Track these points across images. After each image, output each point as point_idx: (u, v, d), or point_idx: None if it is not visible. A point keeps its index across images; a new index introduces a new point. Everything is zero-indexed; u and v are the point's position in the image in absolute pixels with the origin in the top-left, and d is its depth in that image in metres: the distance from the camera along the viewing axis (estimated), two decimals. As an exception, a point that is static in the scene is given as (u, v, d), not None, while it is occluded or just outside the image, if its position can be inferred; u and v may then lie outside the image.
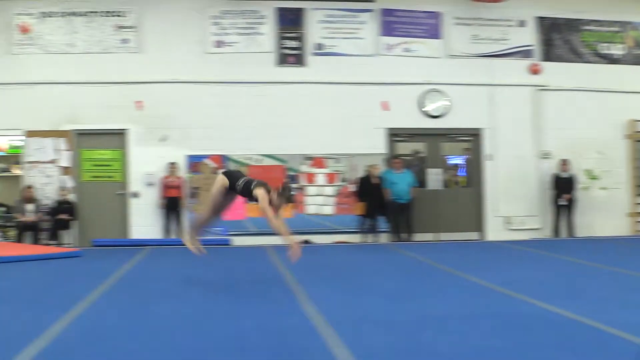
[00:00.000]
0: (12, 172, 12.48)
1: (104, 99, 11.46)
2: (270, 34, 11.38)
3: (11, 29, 11.53)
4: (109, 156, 11.54)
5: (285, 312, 5.51)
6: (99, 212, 11.57)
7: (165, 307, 5.75)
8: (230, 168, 9.24)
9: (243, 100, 11.44)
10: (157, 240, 11.45)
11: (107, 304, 6.05)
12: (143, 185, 11.37)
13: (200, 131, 11.61)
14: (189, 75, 11.59)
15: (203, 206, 7.72)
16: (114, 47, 11.41)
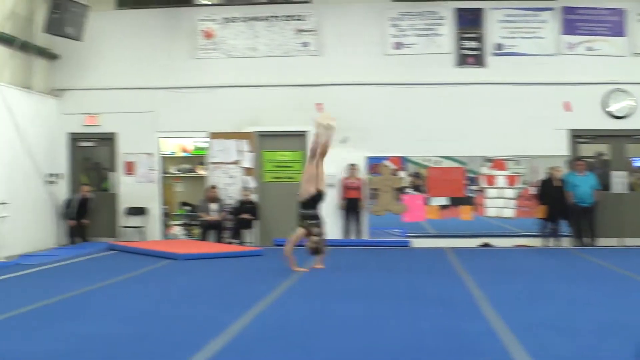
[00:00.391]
0: (197, 172, 15.95)
1: (284, 101, 14.69)
2: (450, 34, 13.85)
3: (196, 34, 14.92)
4: (289, 157, 14.87)
5: (464, 314, 6.45)
6: (279, 212, 14.78)
7: (344, 307, 6.89)
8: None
9: (422, 101, 13.89)
10: (336, 241, 14.12)
11: (287, 303, 7.26)
12: (324, 187, 15.88)
13: (380, 133, 14.52)
14: (368, 77, 14.50)
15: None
16: (294, 51, 14.62)
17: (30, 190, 14.25)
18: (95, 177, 15.94)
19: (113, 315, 6.76)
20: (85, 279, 9.25)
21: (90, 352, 5.31)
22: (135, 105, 14.96)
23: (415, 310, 6.78)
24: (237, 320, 6.24)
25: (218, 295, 8.00)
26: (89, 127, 15.40)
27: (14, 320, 6.56)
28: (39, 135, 14.71)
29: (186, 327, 6.11)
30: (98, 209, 15.39)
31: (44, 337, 5.82)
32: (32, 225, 14.23)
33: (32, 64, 14.56)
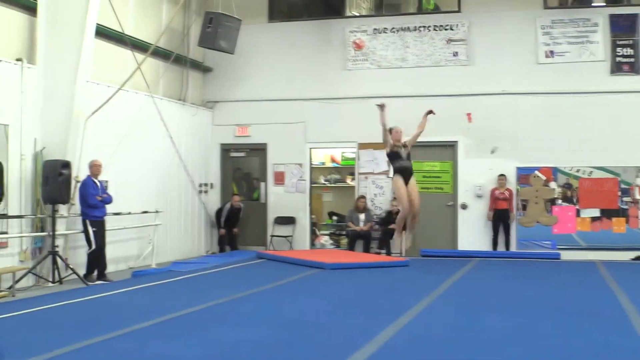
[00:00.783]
0: (346, 182, 19.55)
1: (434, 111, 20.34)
2: (603, 41, 16.11)
3: (346, 45, 18.51)
4: (438, 168, 18.08)
5: (616, 330, 7.35)
6: (428, 223, 17.66)
7: (491, 320, 8.07)
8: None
9: (574, 110, 16.08)
10: (484, 252, 17.13)
11: (434, 314, 8.52)
12: (472, 197, 17.69)
13: (530, 143, 16.68)
14: (518, 87, 16.81)
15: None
16: (444, 60, 17.88)
17: (183, 199, 18.07)
18: (246, 187, 19.84)
19: (262, 321, 8.06)
20: (234, 286, 10.98)
21: (240, 357, 6.41)
22: (286, 116, 18.26)
23: (566, 324, 7.83)
24: (384, 330, 7.35)
25: (365, 304, 9.39)
26: (240, 137, 19.41)
27: (166, 325, 7.92)
28: (192, 146, 18.55)
29: (334, 335, 7.24)
30: (248, 218, 19.06)
31: (194, 341, 6.98)
32: (184, 234, 18.17)
33: (186, 76, 18.76)
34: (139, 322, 8.12)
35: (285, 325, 7.99)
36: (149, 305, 9.61)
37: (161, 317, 8.46)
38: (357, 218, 17.77)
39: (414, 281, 12.13)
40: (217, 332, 7.61)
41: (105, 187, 13.82)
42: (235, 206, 17.92)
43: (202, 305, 9.41)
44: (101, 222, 12.35)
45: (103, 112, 14.04)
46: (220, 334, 7.51)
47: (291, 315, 8.75)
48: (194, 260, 15.92)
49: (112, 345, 7.40)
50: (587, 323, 8.08)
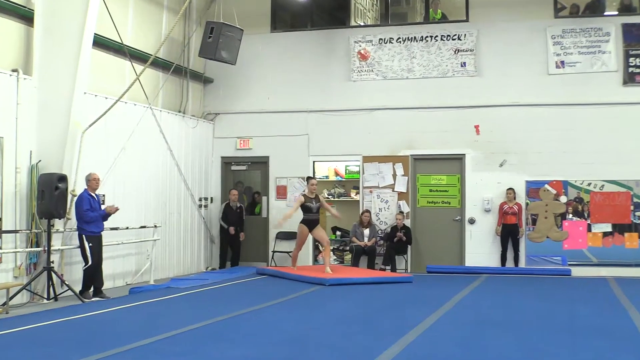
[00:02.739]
0: (350, 196, 19.51)
1: (441, 124, 17.93)
2: (616, 51, 16.08)
3: (351, 56, 18.55)
4: (445, 181, 18.14)
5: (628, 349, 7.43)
6: (434, 238, 17.98)
7: (499, 338, 8.16)
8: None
9: (585, 122, 16.12)
10: (493, 269, 17.16)
11: (440, 332, 8.57)
12: (480, 212, 17.71)
13: (540, 156, 16.62)
14: (528, 98, 16.81)
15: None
16: (451, 71, 17.95)
17: (182, 213, 18.16)
18: (247, 201, 19.93)
19: (263, 339, 8.19)
20: (234, 303, 11.09)
21: None
22: (288, 128, 18.35)
23: (577, 342, 7.94)
24: (387, 349, 7.43)
25: (368, 322, 9.48)
26: (242, 150, 19.52)
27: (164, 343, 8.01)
28: (192, 159, 18.65)
29: (335, 353, 7.38)
30: (249, 234, 19.30)
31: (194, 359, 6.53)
32: (183, 249, 18.25)
33: (186, 88, 18.87)
34: (136, 340, 8.16)
35: (286, 343, 8.08)
36: (147, 323, 9.68)
37: (159, 335, 8.51)
38: (361, 233, 17.90)
39: (419, 298, 12.24)
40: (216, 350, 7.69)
41: (103, 201, 13.81)
42: (232, 205, 17.98)
43: (201, 322, 9.48)
44: (98, 237, 12.38)
45: (101, 124, 14.14)
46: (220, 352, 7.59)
47: (292, 333, 8.83)
48: (194, 277, 16.04)
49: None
50: (599, 342, 8.15)
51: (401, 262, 17.57)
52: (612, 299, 12.12)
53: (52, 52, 12.99)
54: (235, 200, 17.67)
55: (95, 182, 12.65)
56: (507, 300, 12.11)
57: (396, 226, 17.64)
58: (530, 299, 12.21)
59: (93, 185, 12.46)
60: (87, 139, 13.66)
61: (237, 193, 17.76)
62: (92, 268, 13.11)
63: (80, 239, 13.15)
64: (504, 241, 17.09)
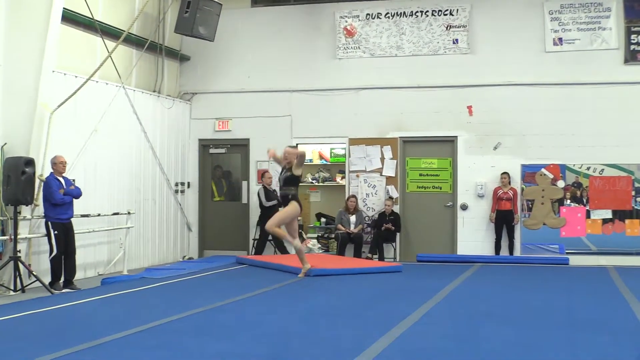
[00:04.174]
0: (335, 181, 19.59)
1: (431, 104, 17.94)
2: (617, 28, 16.00)
3: (336, 32, 18.53)
4: (436, 165, 18.19)
5: (628, 343, 7.40)
6: (424, 225, 18.08)
7: (493, 330, 8.08)
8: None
9: (584, 103, 16.17)
10: (486, 257, 17.27)
11: (431, 325, 8.52)
12: (472, 197, 17.82)
13: (536, 138, 16.77)
14: (524, 77, 16.81)
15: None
16: (443, 49, 17.95)
17: (158, 199, 18.20)
18: (226, 187, 19.96)
19: (243, 333, 8.07)
20: (212, 295, 11.00)
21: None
22: (270, 109, 18.35)
23: (575, 335, 7.91)
24: (375, 342, 7.46)
25: (354, 314, 9.50)
26: (221, 132, 19.51)
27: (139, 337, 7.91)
28: (168, 142, 18.66)
29: (320, 347, 7.33)
30: (228, 221, 19.37)
31: (170, 355, 7.08)
32: (159, 237, 18.28)
33: (161, 66, 18.86)
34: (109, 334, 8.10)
35: (268, 337, 8.05)
36: (120, 316, 9.59)
37: (133, 329, 8.43)
38: (347, 220, 17.99)
39: (409, 288, 12.24)
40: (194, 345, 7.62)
41: (73, 185, 13.73)
42: (269, 188, 17.75)
43: (178, 315, 9.42)
44: (65, 224, 12.35)
45: (70, 104, 14.09)
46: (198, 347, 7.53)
47: (274, 326, 8.81)
48: (170, 267, 15.99)
49: (81, 358, 7.45)
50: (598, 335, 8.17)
51: (390, 251, 17.65)
52: (612, 290, 12.16)
53: (17, 27, 12.89)
54: (270, 183, 17.59)
55: (62, 166, 12.64)
56: (501, 290, 12.13)
57: (384, 212, 17.70)
58: (526, 289, 12.25)
59: (59, 168, 12.41)
60: (55, 120, 13.60)
61: (272, 176, 17.64)
62: (57, 257, 13.04)
63: (46, 226, 13.10)
64: (498, 228, 17.21)
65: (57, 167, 12.17)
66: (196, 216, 18.92)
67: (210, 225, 19.05)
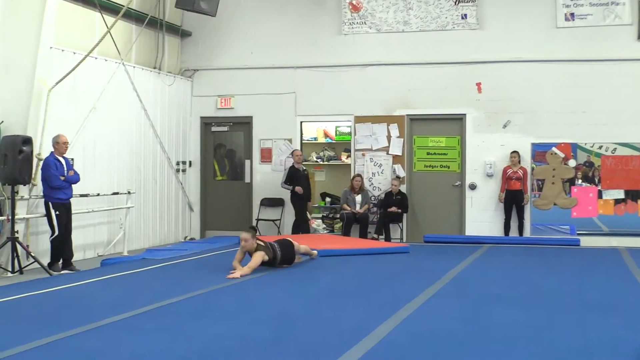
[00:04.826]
0: (341, 160, 19.47)
1: (439, 81, 17.87)
2: (630, 3, 15.81)
3: (342, 7, 18.37)
4: (444, 143, 18.17)
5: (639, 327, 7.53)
6: (432, 205, 18.11)
7: (502, 313, 8.20)
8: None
9: (596, 80, 16.04)
10: (495, 238, 17.22)
11: (439, 306, 8.65)
12: (481, 177, 17.77)
13: (547, 116, 16.55)
14: (535, 53, 16.58)
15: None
16: (451, 24, 17.84)
17: (158, 179, 18.19)
18: (229, 166, 19.96)
19: (246, 315, 8.21)
20: (214, 276, 11.15)
21: (223, 354, 6.50)
22: (274, 86, 18.16)
23: (586, 318, 8.03)
24: (382, 324, 7.54)
25: (360, 296, 9.62)
26: (223, 110, 19.48)
27: (139, 320, 8.02)
28: (169, 119, 18.62)
29: (326, 330, 7.43)
30: (230, 200, 19.32)
31: (171, 337, 7.15)
32: (159, 217, 18.30)
33: (162, 42, 18.78)
34: (108, 316, 8.19)
35: (272, 319, 8.12)
36: (120, 298, 9.69)
37: (133, 311, 8.53)
38: (352, 199, 17.87)
39: (416, 270, 12.34)
40: (195, 328, 7.68)
41: (72, 165, 13.72)
42: (297, 167, 17.52)
43: (179, 297, 9.51)
44: (65, 204, 12.30)
45: (68, 81, 14.08)
46: (199, 330, 7.57)
47: (278, 308, 8.87)
48: (171, 247, 16.03)
49: (79, 342, 7.18)
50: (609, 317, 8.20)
51: (396, 231, 17.52)
52: (624, 271, 12.18)
53: (15, 2, 12.80)
54: (300, 161, 17.38)
55: (64, 147, 12.56)
56: (511, 272, 12.18)
57: (391, 192, 17.51)
58: (536, 271, 12.29)
59: (61, 149, 12.37)
60: (53, 97, 13.59)
61: (301, 154, 17.59)
62: (59, 238, 13.06)
63: (47, 206, 13.09)
64: (508, 208, 17.12)
65: (59, 147, 12.19)
66: (198, 196, 18.89)
67: (212, 205, 19.03)
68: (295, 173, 17.16)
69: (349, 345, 6.75)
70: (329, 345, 6.88)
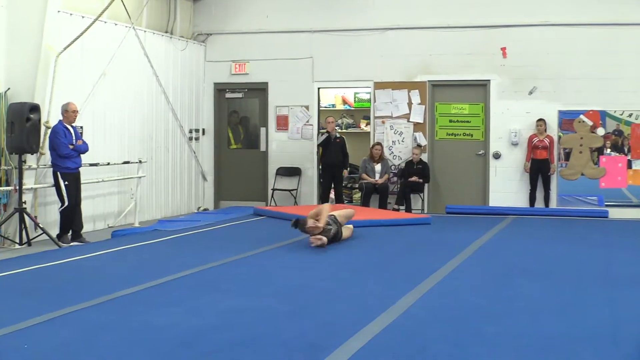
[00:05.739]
0: (359, 127, 19.66)
1: (463, 46, 17.75)
2: None
3: None
4: (467, 111, 18.09)
5: None
6: (454, 175, 18.08)
7: (526, 287, 8.21)
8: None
9: (627, 45, 15.93)
10: (520, 209, 17.19)
11: (461, 281, 8.64)
12: (506, 145, 17.69)
13: (575, 82, 16.32)
14: (562, 17, 16.29)
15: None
16: None
17: (170, 147, 18.24)
18: (243, 134, 20.06)
19: (261, 289, 8.30)
20: (228, 248, 11.20)
21: (237, 328, 6.57)
22: (290, 50, 18.07)
23: (612, 294, 8.01)
24: (402, 297, 7.62)
25: (380, 268, 9.71)
26: (237, 75, 19.44)
27: (151, 292, 8.10)
28: (181, 86, 18.65)
29: (344, 304, 7.49)
30: (245, 170, 19.50)
31: (184, 310, 7.21)
32: (172, 187, 18.39)
33: (174, 5, 18.72)
34: (119, 290, 8.25)
35: (288, 293, 8.17)
36: (131, 270, 9.75)
37: (145, 284, 8.59)
38: (372, 169, 17.85)
39: (437, 242, 12.32)
40: (209, 301, 7.74)
41: (81, 133, 13.75)
42: (332, 135, 17.48)
43: (191, 269, 9.57)
44: (75, 174, 12.34)
45: (77, 46, 14.05)
46: (212, 303, 7.64)
47: (295, 281, 8.94)
48: (183, 218, 16.01)
49: (90, 315, 7.38)
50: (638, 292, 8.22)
51: (417, 202, 17.56)
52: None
53: (20, -36, 12.74)
54: (333, 129, 17.32)
55: (73, 115, 12.55)
56: (535, 245, 12.10)
57: (411, 161, 17.52)
58: (562, 243, 12.25)
59: (71, 117, 12.40)
60: (61, 63, 13.58)
61: (333, 120, 17.62)
62: (69, 209, 13.11)
63: (55, 176, 13.13)
64: (533, 178, 17.09)
65: (69, 115, 12.17)
66: (211, 165, 18.96)
67: (226, 174, 19.12)
68: (328, 141, 17.23)
69: (369, 319, 6.80)
70: (348, 319, 6.93)
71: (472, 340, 6.23)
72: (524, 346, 6.04)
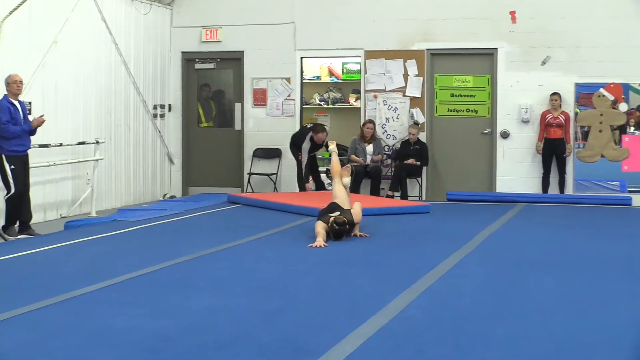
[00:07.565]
0: (348, 102, 19.46)
1: (466, 10, 17.70)
2: None
3: None
4: (471, 84, 18.04)
5: None
6: (456, 157, 18.01)
7: (538, 283, 8.23)
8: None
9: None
10: (531, 196, 17.15)
11: (464, 277, 8.66)
12: (515, 123, 17.69)
13: (594, 51, 16.28)
14: None
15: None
16: None
17: (132, 126, 18.23)
18: (216, 110, 20.03)
19: (237, 286, 8.34)
20: (200, 240, 11.30)
21: (212, 331, 6.57)
22: (269, 15, 17.99)
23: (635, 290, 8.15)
24: (398, 295, 7.70)
25: (373, 263, 9.71)
26: (209, 43, 19.41)
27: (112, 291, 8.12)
28: (144, 55, 18.60)
29: (331, 304, 7.52)
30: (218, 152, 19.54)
31: (150, 311, 7.21)
32: (134, 172, 18.42)
33: (135, -38, 17.77)
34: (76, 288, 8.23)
35: (266, 291, 8.18)
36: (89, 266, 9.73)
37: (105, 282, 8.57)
38: (362, 150, 17.98)
39: (437, 233, 12.34)
40: (177, 300, 7.76)
41: (29, 110, 13.71)
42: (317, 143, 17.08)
43: (158, 265, 9.54)
44: (22, 157, 12.30)
45: (24, 11, 13.94)
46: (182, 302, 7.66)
47: (276, 277, 8.98)
48: (147, 207, 16.11)
49: (39, 317, 7.19)
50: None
51: (414, 187, 17.66)
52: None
53: None
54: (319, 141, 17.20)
55: (17, 86, 12.58)
56: (549, 236, 12.10)
57: (408, 141, 17.49)
58: (579, 234, 12.28)
59: (14, 89, 12.31)
60: (6, 30, 13.53)
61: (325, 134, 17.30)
62: (15, 197, 13.06)
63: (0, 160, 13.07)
64: (547, 161, 17.19)
65: (11, 87, 12.08)
66: (179, 146, 19.06)
67: (196, 156, 19.18)
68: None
69: (360, 320, 6.81)
70: (336, 320, 6.93)
71: (476, 344, 6.25)
72: (536, 351, 6.05)
